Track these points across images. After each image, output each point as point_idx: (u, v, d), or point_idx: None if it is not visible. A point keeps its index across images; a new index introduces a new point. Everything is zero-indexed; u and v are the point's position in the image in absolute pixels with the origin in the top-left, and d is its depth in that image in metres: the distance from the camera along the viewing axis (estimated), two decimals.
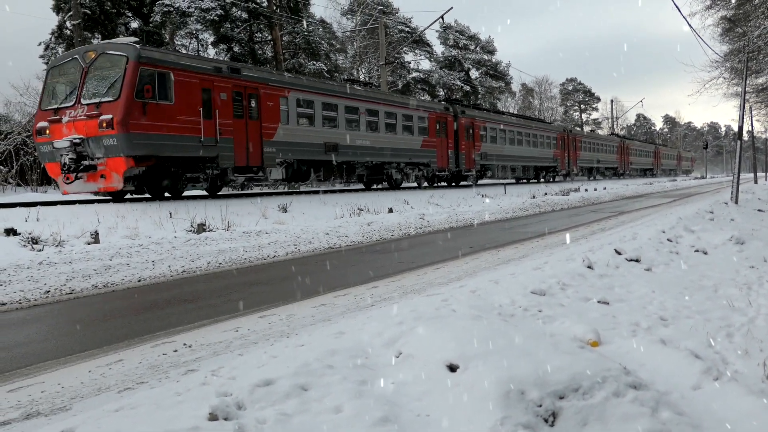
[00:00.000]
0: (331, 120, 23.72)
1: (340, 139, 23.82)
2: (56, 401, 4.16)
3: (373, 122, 26.23)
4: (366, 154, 25.64)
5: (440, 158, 31.04)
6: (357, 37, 57.89)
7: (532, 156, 42.90)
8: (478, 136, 34.96)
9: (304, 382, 3.60)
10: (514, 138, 39.92)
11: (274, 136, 20.66)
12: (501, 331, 4.33)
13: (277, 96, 20.96)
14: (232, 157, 18.94)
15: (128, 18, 40.85)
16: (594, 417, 3.37)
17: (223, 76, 18.88)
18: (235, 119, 19.17)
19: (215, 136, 18.23)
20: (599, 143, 59.85)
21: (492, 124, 37.12)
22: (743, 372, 4.52)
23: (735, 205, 18.76)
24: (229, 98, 18.98)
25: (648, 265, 8.15)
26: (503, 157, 38.33)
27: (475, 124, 34.64)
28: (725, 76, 26.47)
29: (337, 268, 9.93)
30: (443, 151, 31.40)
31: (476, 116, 35.38)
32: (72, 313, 6.83)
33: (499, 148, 37.65)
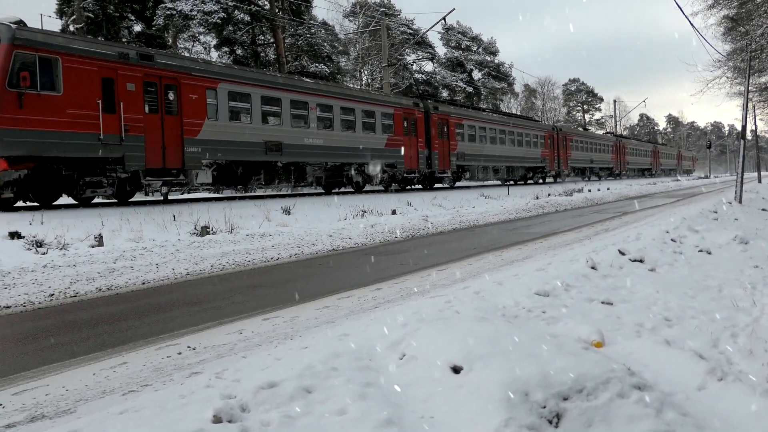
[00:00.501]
0: (273, 116, 21.50)
1: (285, 138, 21.47)
2: (61, 404, 4.17)
3: (326, 119, 23.82)
4: (319, 154, 23.23)
5: (408, 158, 28.33)
6: (359, 39, 57.93)
7: (518, 156, 40.35)
8: (454, 134, 32.31)
9: (308, 384, 3.60)
10: (496, 137, 37.30)
11: (199, 133, 18.29)
12: (505, 332, 4.33)
13: (203, 88, 18.59)
14: (142, 158, 16.55)
15: (131, 21, 40.94)
16: (598, 418, 3.36)
17: (130, 63, 16.51)
18: (148, 114, 16.86)
19: (119, 134, 15.91)
20: (593, 142, 57.20)
21: (470, 121, 34.46)
22: (748, 372, 4.51)
23: (739, 204, 18.72)
24: (140, 89, 16.65)
25: (652, 265, 8.14)
26: (484, 157, 35.72)
27: (450, 122, 32.04)
28: (728, 75, 26.48)
29: (340, 270, 9.93)
30: (412, 151, 28.69)
31: (451, 113, 32.75)
32: (76, 316, 6.84)
33: (478, 147, 34.96)
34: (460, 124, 33.16)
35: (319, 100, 23.29)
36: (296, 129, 22.11)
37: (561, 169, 47.53)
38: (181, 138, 17.77)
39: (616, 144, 63.00)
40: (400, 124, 27.90)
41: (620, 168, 63.76)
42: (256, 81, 20.82)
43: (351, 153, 24.79)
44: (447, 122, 31.76)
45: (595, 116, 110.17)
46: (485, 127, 35.92)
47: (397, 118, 27.81)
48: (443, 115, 31.55)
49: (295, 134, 21.91)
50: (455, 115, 32.95)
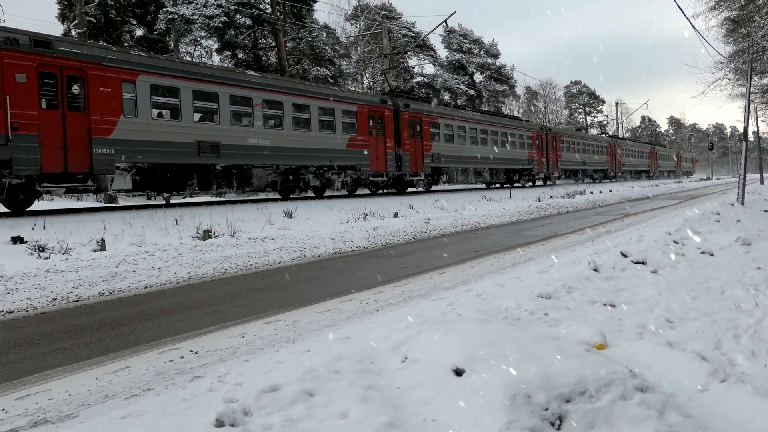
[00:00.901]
0: (208, 113, 19.17)
1: (223, 138, 19.16)
2: (63, 408, 4.17)
3: (274, 116, 21.55)
4: (266, 156, 20.95)
5: (374, 160, 26.00)
6: (361, 42, 57.98)
7: (502, 157, 37.76)
8: (428, 134, 29.97)
9: (311, 387, 3.60)
10: (477, 137, 34.78)
11: (112, 132, 16.06)
12: (507, 334, 4.33)
13: (118, 80, 16.38)
14: (37, 161, 14.38)
15: (133, 26, 41.02)
16: (601, 420, 3.36)
17: (20, 50, 14.32)
18: (45, 110, 14.72)
19: (5, 132, 13.77)
20: (585, 143, 54.45)
21: (447, 120, 32.03)
22: (750, 373, 4.50)
23: (741, 206, 18.69)
24: (33, 81, 14.48)
25: (654, 267, 8.13)
26: (463, 158, 33.23)
27: (423, 120, 29.67)
28: (730, 77, 26.42)
29: (342, 273, 9.93)
30: (379, 152, 26.26)
31: (425, 111, 30.42)
32: (79, 320, 6.85)
33: (456, 148, 32.58)
34: (436, 123, 30.94)
35: (265, 96, 20.98)
36: (237, 128, 19.89)
37: (550, 171, 45.43)
38: (89, 138, 15.59)
39: (610, 145, 60.79)
40: (364, 122, 25.60)
41: (615, 170, 61.60)
42: (187, 73, 18.40)
43: (306, 155, 22.59)
44: (420, 121, 29.46)
45: (597, 118, 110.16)
46: (464, 127, 33.62)
47: (362, 116, 25.51)
48: (416, 114, 29.32)
49: (235, 134, 19.74)
50: (430, 114, 30.81)
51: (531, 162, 41.74)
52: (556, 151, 46.50)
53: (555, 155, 46.33)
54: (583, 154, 52.73)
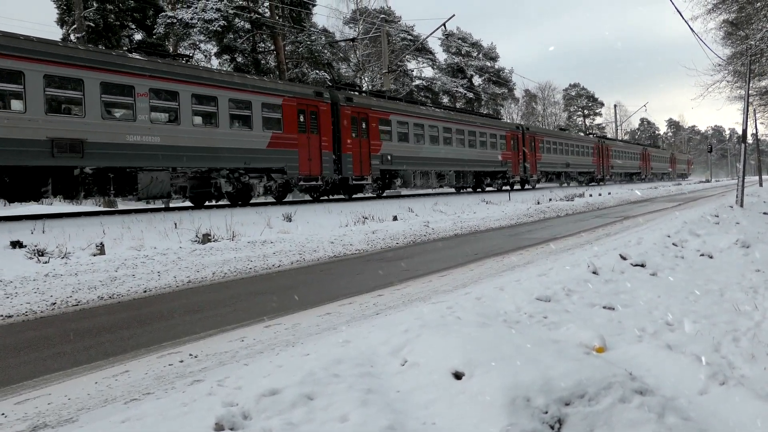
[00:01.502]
0: (68, 104, 15.83)
1: (91, 134, 15.62)
2: (63, 413, 4.17)
3: (167, 109, 17.96)
4: (155, 157, 17.28)
5: (306, 162, 22.36)
6: (359, 45, 58.04)
7: (470, 159, 34.06)
8: (377, 132, 26.25)
9: (310, 391, 3.60)
10: (438, 136, 31.01)
11: None
12: (506, 338, 4.33)
13: None
14: None
15: (132, 30, 41.08)
16: (600, 423, 3.36)
17: None
18: None
19: None
20: (569, 143, 50.35)
21: (401, 116, 28.21)
22: (750, 376, 4.50)
23: (740, 208, 18.71)
24: None
25: (653, 269, 8.14)
26: (422, 160, 29.50)
27: (370, 116, 26.02)
28: (728, 79, 26.50)
29: (342, 276, 9.93)
30: (312, 153, 22.69)
31: (373, 106, 26.43)
32: (78, 324, 6.84)
33: (413, 148, 28.86)
34: (386, 119, 27.02)
35: (153, 84, 17.31)
36: (111, 122, 16.27)
37: (528, 173, 41.74)
38: None
39: (597, 146, 56.89)
40: (292, 118, 21.91)
41: (603, 172, 57.88)
42: (34, 54, 14.73)
43: (214, 155, 18.95)
44: (366, 117, 25.76)
45: (595, 121, 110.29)
46: (423, 125, 29.80)
47: (289, 110, 21.79)
48: (360, 109, 25.54)
49: (109, 129, 16.09)
50: (378, 109, 26.70)
51: (505, 164, 38.10)
52: (535, 152, 43.04)
53: (534, 156, 42.79)
54: (567, 155, 49.24)
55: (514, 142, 39.93)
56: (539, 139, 44.27)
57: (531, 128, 45.76)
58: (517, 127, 42.19)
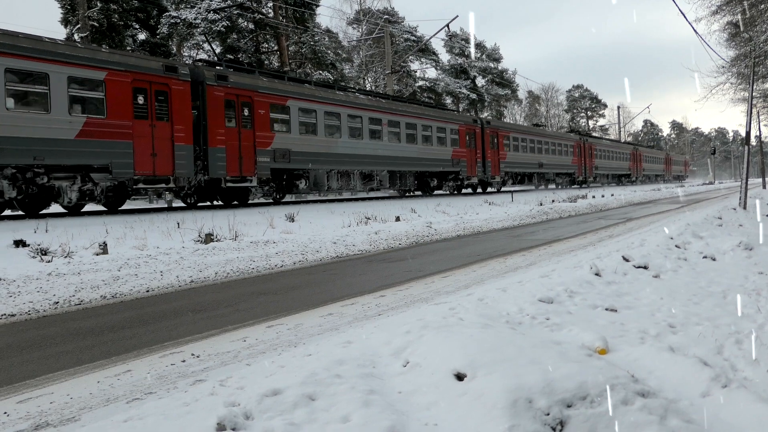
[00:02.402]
0: None
1: None
2: (65, 412, 4.18)
3: None
4: None
5: (147, 158, 17.34)
6: (363, 46, 58.06)
7: (408, 157, 28.70)
8: (266, 120, 20.95)
9: (312, 391, 3.60)
10: (363, 128, 25.71)
11: None
12: (508, 339, 4.33)
13: None
14: None
15: (135, 30, 41.16)
16: (602, 425, 3.36)
17: None
18: None
19: None
20: (543, 141, 44.85)
21: (306, 102, 22.79)
22: (752, 379, 4.50)
23: (743, 210, 18.69)
24: None
25: (656, 271, 8.12)
26: (337, 158, 24.25)
27: (255, 101, 20.64)
28: (732, 81, 26.44)
29: (344, 277, 9.93)
30: (157, 146, 17.57)
31: (260, 87, 20.89)
32: (81, 323, 6.85)
33: (325, 142, 23.62)
34: (281, 105, 21.71)
35: None
36: None
37: (488, 174, 36.30)
38: None
39: (579, 144, 51.78)
40: (124, 101, 16.82)
41: (585, 173, 52.94)
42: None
43: None
44: (250, 102, 20.50)
45: (599, 123, 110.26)
46: (340, 114, 24.38)
47: (116, 90, 16.66)
48: (239, 90, 20.26)
49: None
50: (268, 91, 21.18)
51: (457, 163, 32.79)
52: (498, 150, 37.48)
53: (496, 155, 37.26)
54: (540, 154, 43.85)
55: (471, 138, 34.52)
56: (503, 135, 38.62)
57: (493, 122, 40.20)
58: (474, 120, 36.53)
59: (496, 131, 37.91)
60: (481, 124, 36.38)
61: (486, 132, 36.42)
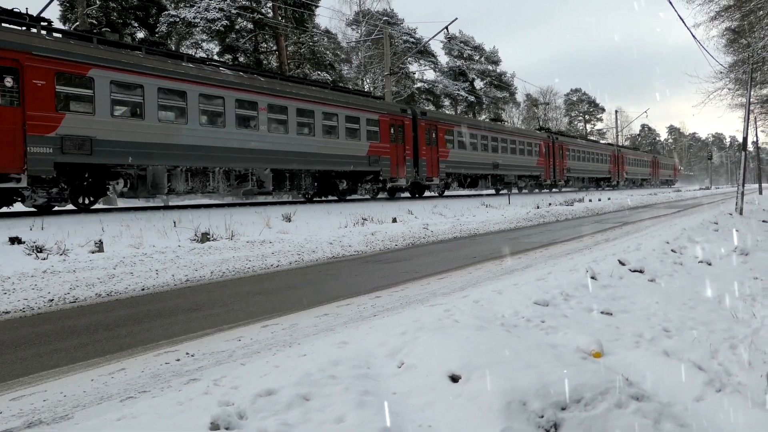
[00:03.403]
0: None
1: None
2: (58, 410, 4.16)
3: None
4: None
5: None
6: (362, 47, 58.08)
7: (306, 152, 22.77)
8: (49, 97, 15.19)
9: (307, 392, 3.60)
10: (225, 112, 19.91)
11: None
12: (504, 341, 4.33)
13: None
14: None
15: (134, 28, 41.10)
16: (596, 428, 3.36)
17: None
18: None
19: None
20: (501, 138, 38.74)
21: (120, 73, 16.91)
22: (747, 384, 4.50)
23: (740, 215, 18.72)
24: None
25: (652, 275, 8.13)
26: (182, 150, 18.45)
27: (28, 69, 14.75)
28: (730, 87, 26.47)
29: (340, 277, 9.92)
30: None
31: (38, 49, 14.99)
32: (75, 321, 6.84)
33: (160, 130, 17.94)
34: (73, 76, 15.90)
35: None
36: None
37: (422, 176, 30.19)
38: None
39: (547, 144, 45.86)
40: None
41: (555, 176, 46.99)
42: None
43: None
44: (16, 68, 14.52)
45: (596, 126, 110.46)
46: (185, 92, 18.72)
47: None
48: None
49: None
50: (52, 54, 15.38)
51: (377, 162, 26.75)
52: (438, 147, 31.65)
53: (434, 152, 31.35)
54: (496, 153, 37.93)
55: (397, 132, 28.46)
56: (444, 129, 32.65)
57: (430, 113, 34.11)
58: (403, 109, 29.83)
59: (435, 124, 31.73)
60: (412, 115, 30.10)
61: (420, 125, 30.27)
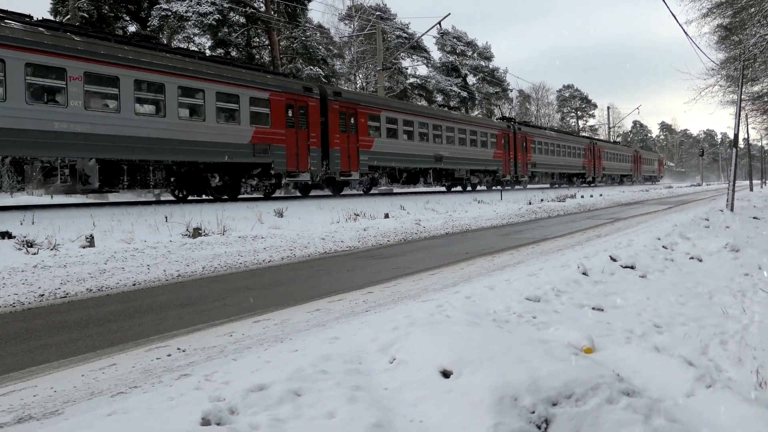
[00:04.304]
0: None
1: None
2: (48, 405, 4.14)
3: None
4: None
5: None
6: (354, 42, 57.98)
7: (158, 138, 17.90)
8: None
9: (298, 387, 3.59)
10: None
11: None
12: (495, 337, 4.33)
13: None
14: None
15: (126, 22, 40.89)
16: (587, 424, 3.36)
17: None
18: None
19: None
20: (447, 127, 33.33)
21: None
22: (737, 379, 4.52)
23: (730, 212, 18.80)
24: None
25: (643, 272, 8.16)
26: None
27: None
28: (721, 83, 26.61)
29: (332, 273, 9.92)
30: None
31: None
32: (66, 316, 6.81)
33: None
34: None
35: None
36: None
37: (335, 170, 24.86)
38: None
39: (506, 134, 40.05)
40: None
41: (516, 171, 41.42)
42: None
43: None
44: None
45: (588, 123, 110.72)
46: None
47: None
48: None
49: None
50: None
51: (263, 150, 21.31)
52: (358, 135, 26.23)
53: (354, 143, 25.97)
54: (439, 143, 32.57)
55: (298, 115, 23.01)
56: (365, 114, 26.87)
57: (346, 93, 27.99)
58: (307, 88, 24.10)
59: (354, 107, 26.20)
60: (321, 95, 24.53)
61: (333, 107, 24.87)
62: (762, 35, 21.44)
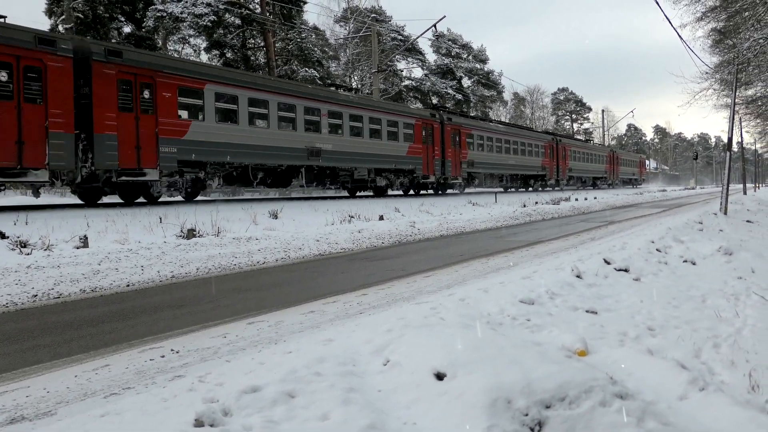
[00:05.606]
0: None
1: None
2: (41, 406, 4.13)
3: None
4: None
5: None
6: (350, 44, 57.99)
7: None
8: None
9: (292, 389, 3.59)
10: None
11: None
12: (489, 339, 4.34)
13: None
14: None
15: (121, 23, 40.81)
16: (580, 426, 3.37)
17: None
18: None
19: None
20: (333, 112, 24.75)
21: None
22: (729, 382, 4.53)
23: (724, 215, 18.87)
24: None
25: (637, 275, 8.18)
26: None
27: None
28: (715, 87, 26.66)
29: (326, 275, 9.91)
30: None
31: None
32: (59, 317, 6.78)
33: None
34: None
35: None
36: None
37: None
38: None
39: (428, 125, 30.45)
40: None
41: (445, 172, 31.97)
42: None
43: None
44: None
45: (583, 126, 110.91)
46: None
47: None
48: None
49: None
50: None
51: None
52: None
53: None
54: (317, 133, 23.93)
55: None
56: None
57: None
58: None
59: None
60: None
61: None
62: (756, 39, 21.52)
